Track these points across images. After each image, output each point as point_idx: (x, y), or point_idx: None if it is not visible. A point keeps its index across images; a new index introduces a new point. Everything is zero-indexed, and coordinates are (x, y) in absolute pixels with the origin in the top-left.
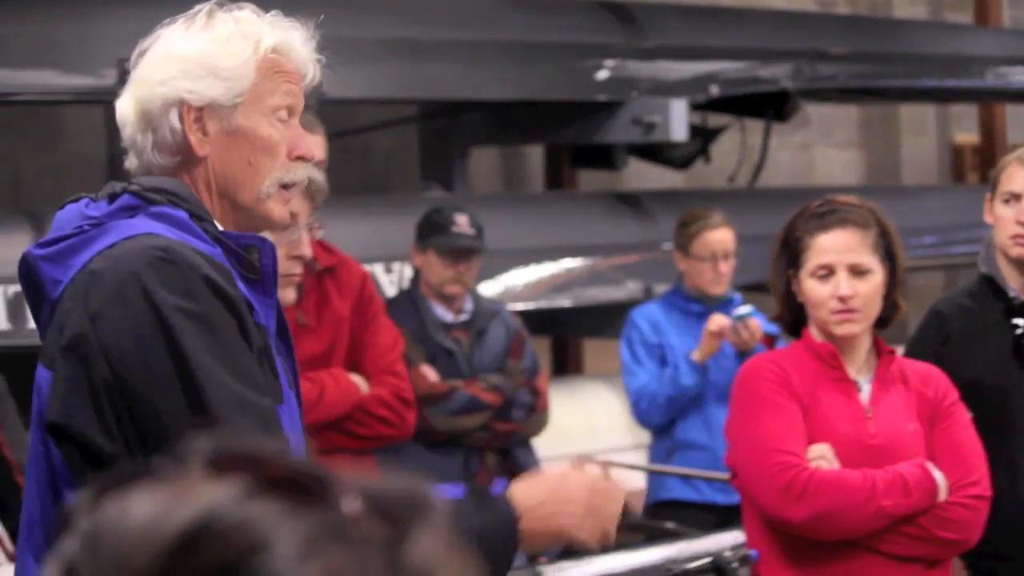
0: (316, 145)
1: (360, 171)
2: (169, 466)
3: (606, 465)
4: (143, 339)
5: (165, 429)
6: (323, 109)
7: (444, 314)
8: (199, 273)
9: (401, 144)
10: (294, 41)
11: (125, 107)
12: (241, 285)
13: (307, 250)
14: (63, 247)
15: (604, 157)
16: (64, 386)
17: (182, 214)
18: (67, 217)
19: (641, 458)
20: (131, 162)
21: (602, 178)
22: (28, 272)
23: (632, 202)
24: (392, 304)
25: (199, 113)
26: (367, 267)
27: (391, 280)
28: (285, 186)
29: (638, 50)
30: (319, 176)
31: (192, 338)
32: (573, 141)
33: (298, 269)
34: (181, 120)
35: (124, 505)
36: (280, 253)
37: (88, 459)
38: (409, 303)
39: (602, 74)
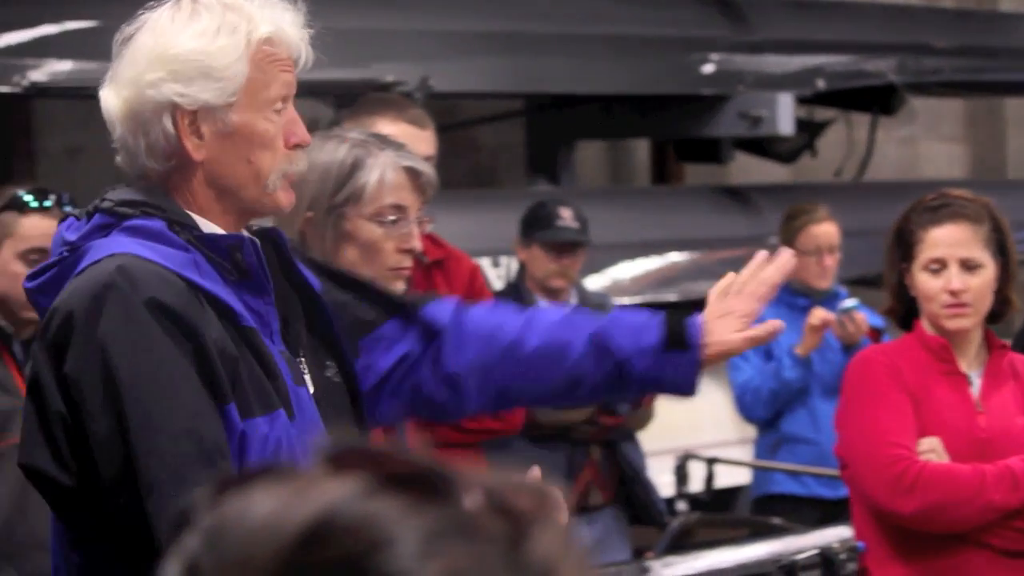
0: (426, 140)
1: (467, 165)
2: (290, 464)
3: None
4: (84, 372)
5: (104, 460)
6: (431, 103)
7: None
8: (147, 298)
9: (507, 138)
10: (286, 26)
11: (112, 105)
12: (222, 289)
13: (417, 243)
14: (48, 278)
15: (710, 151)
16: (27, 424)
17: (157, 224)
18: (55, 242)
19: (746, 453)
20: (122, 161)
21: (708, 172)
22: (33, 304)
23: (738, 196)
24: (498, 298)
25: (193, 116)
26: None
27: (498, 274)
28: (288, 173)
29: (744, 44)
30: (429, 170)
31: (126, 371)
32: (679, 135)
33: (408, 262)
34: (174, 125)
35: (245, 502)
36: (389, 246)
37: (51, 494)
38: (515, 297)
39: (708, 68)
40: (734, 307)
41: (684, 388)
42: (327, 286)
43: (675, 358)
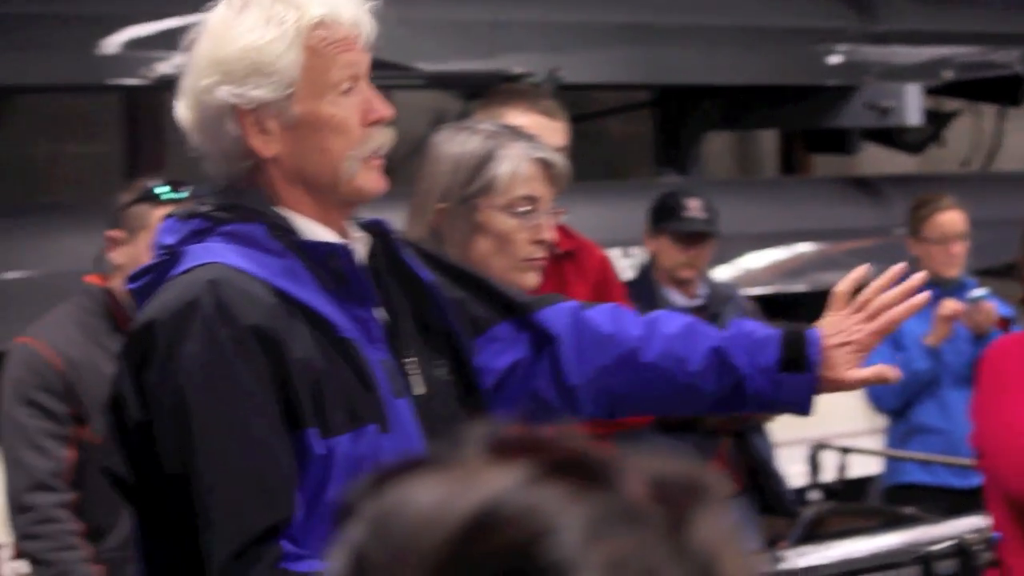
0: (557, 132)
1: (595, 156)
2: (450, 453)
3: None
4: (159, 388)
5: (170, 476)
6: (559, 95)
7: (679, 298)
8: (231, 321)
9: (636, 129)
10: (340, 5)
11: (184, 116)
12: (318, 297)
13: (550, 234)
14: (147, 281)
15: (838, 141)
16: (108, 429)
17: (255, 229)
18: (155, 243)
19: (877, 443)
20: (208, 169)
21: (836, 163)
22: (139, 306)
23: (866, 187)
24: (627, 288)
25: (254, 115)
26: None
27: (629, 264)
28: (372, 154)
29: (872, 35)
30: (561, 161)
31: (199, 400)
32: (806, 126)
33: (540, 253)
34: (237, 125)
35: (409, 491)
36: (522, 237)
37: (128, 498)
38: (643, 288)
39: (836, 59)
40: (853, 336)
41: (798, 409)
42: (442, 282)
43: (791, 380)
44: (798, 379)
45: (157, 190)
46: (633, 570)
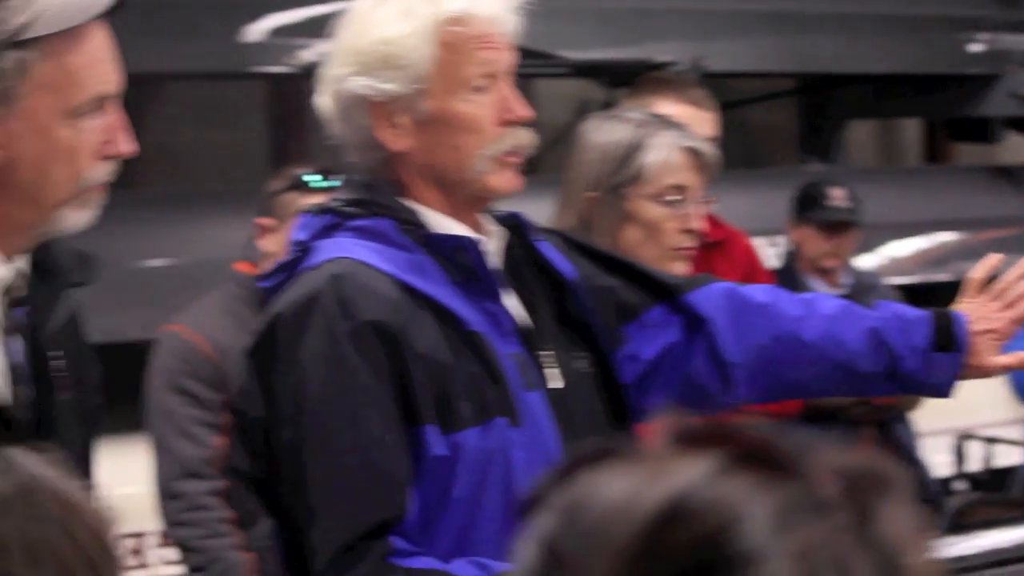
0: (707, 122)
1: (738, 145)
2: (640, 444)
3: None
4: (279, 383)
5: (285, 472)
6: (702, 83)
7: (822, 287)
8: (351, 316)
9: (779, 118)
10: (477, 1)
11: (323, 105)
12: (446, 292)
13: (698, 223)
14: (281, 279)
15: (981, 130)
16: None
17: (384, 224)
18: (290, 239)
19: (1021, 433)
20: (349, 157)
21: (978, 151)
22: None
23: (1009, 175)
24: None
25: (384, 108)
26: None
27: (774, 253)
28: (508, 152)
29: (1015, 23)
30: (710, 150)
31: (316, 394)
32: (949, 114)
33: (689, 242)
34: (369, 118)
35: (599, 482)
36: (671, 226)
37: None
38: (787, 277)
39: (978, 47)
40: (994, 324)
41: (942, 391)
42: (591, 270)
43: (941, 360)
44: (948, 359)
45: (306, 178)
46: (820, 560)
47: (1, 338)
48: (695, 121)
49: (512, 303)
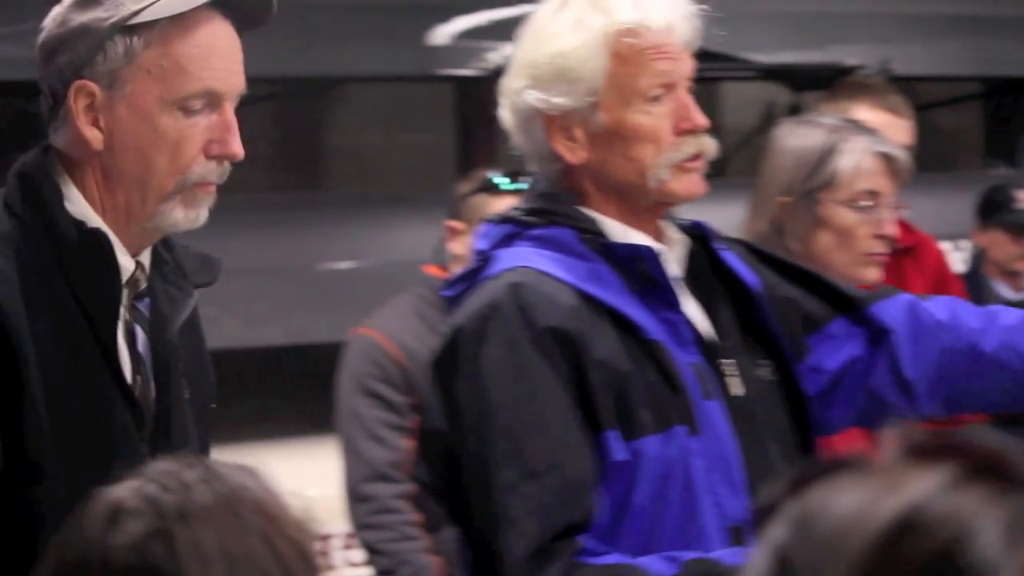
0: (903, 129)
1: (924, 148)
2: (871, 456)
3: None
4: (462, 392)
5: (471, 481)
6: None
7: (1008, 292)
8: (532, 323)
9: (965, 122)
10: (650, 11)
11: (504, 116)
12: (626, 300)
13: (891, 229)
14: (462, 288)
15: None
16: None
17: (563, 233)
18: (472, 248)
19: None
20: (531, 167)
21: None
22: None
23: None
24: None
25: (559, 121)
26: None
27: (959, 258)
28: (687, 159)
29: None
30: (903, 155)
31: (499, 400)
32: None
33: (881, 248)
34: (544, 130)
35: (832, 493)
36: (863, 232)
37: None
38: (973, 281)
39: None
40: None
41: None
42: (774, 280)
43: None
44: None
45: (496, 181)
46: None
47: (123, 327)
48: (891, 128)
49: (693, 311)
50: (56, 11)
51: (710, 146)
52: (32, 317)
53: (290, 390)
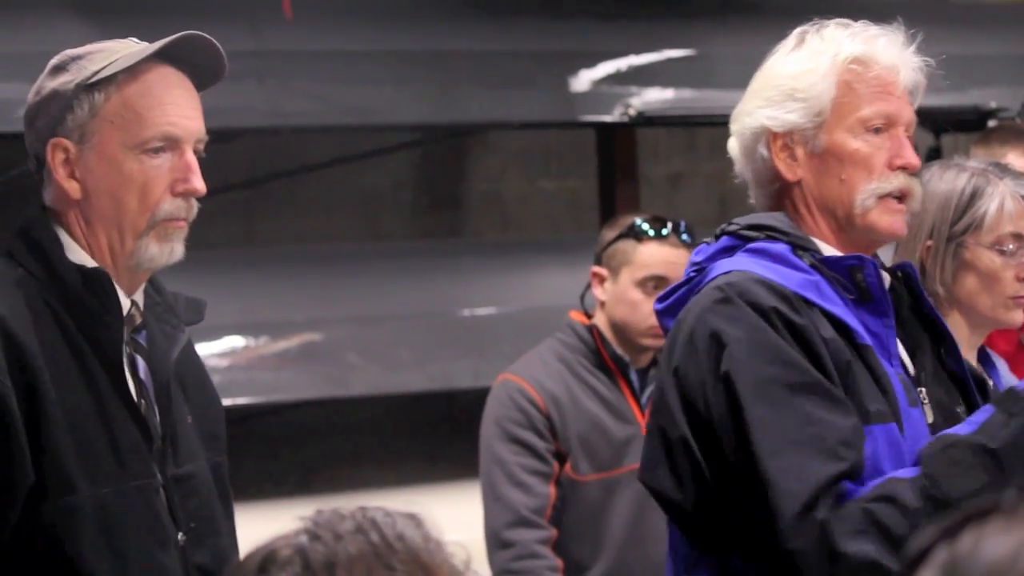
0: None
1: None
2: (1021, 503)
3: None
4: (704, 383)
5: (731, 465)
6: None
7: None
8: (755, 303)
9: None
10: (879, 48)
11: (732, 144)
12: (840, 308)
13: None
14: (674, 299)
15: None
16: (650, 444)
17: (780, 247)
18: (687, 266)
19: None
20: (752, 195)
21: None
22: (660, 326)
23: None
24: None
25: (784, 139)
26: None
27: None
28: (890, 196)
29: None
30: None
31: (743, 375)
32: None
33: None
34: (768, 148)
35: (981, 539)
36: (1009, 275)
37: (672, 512)
38: None
39: None
40: None
41: None
42: None
43: None
44: None
45: (643, 226)
46: None
47: (125, 356)
48: None
49: (897, 331)
50: (35, 84)
51: (917, 189)
52: (46, 351)
53: (432, 436)
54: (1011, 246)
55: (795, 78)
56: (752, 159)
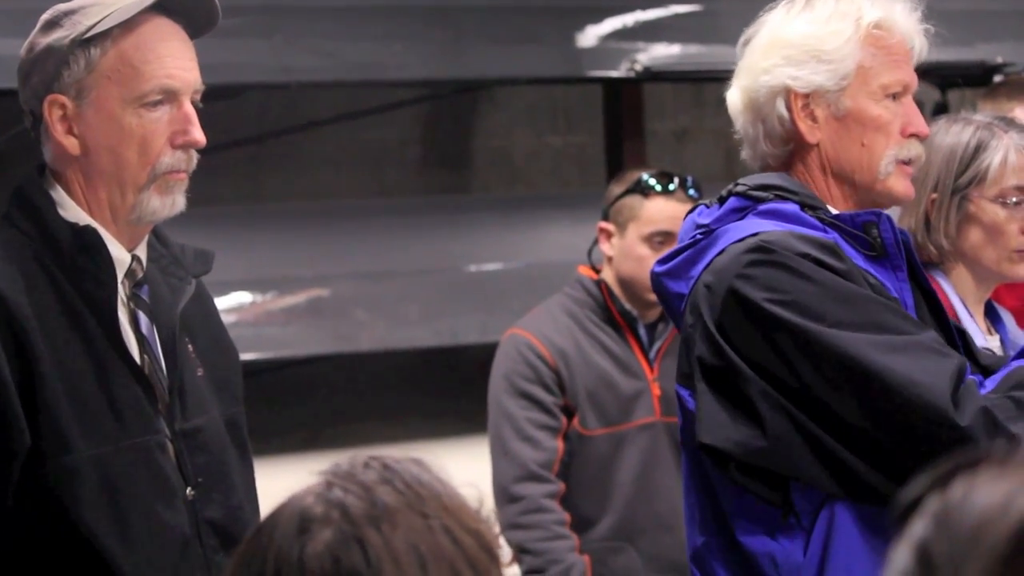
0: None
1: None
2: (1009, 452)
3: None
4: (760, 347)
5: (825, 402)
6: None
7: None
8: (797, 251)
9: None
10: (896, 15)
11: (733, 98)
12: (861, 262)
13: None
14: (680, 261)
15: None
16: (707, 406)
17: (791, 207)
18: (685, 228)
19: None
20: (745, 153)
21: None
22: (658, 289)
23: None
24: None
25: (806, 99)
26: None
27: None
28: (904, 161)
29: None
30: None
31: (810, 311)
32: None
33: None
34: (788, 108)
35: (972, 488)
36: (1013, 228)
37: (740, 469)
38: None
39: None
40: None
41: None
42: None
43: None
44: None
45: (650, 182)
46: None
47: (127, 312)
48: None
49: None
50: (27, 40)
51: (922, 156)
52: (38, 310)
53: (439, 392)
54: (1015, 199)
55: (820, 39)
56: (763, 117)
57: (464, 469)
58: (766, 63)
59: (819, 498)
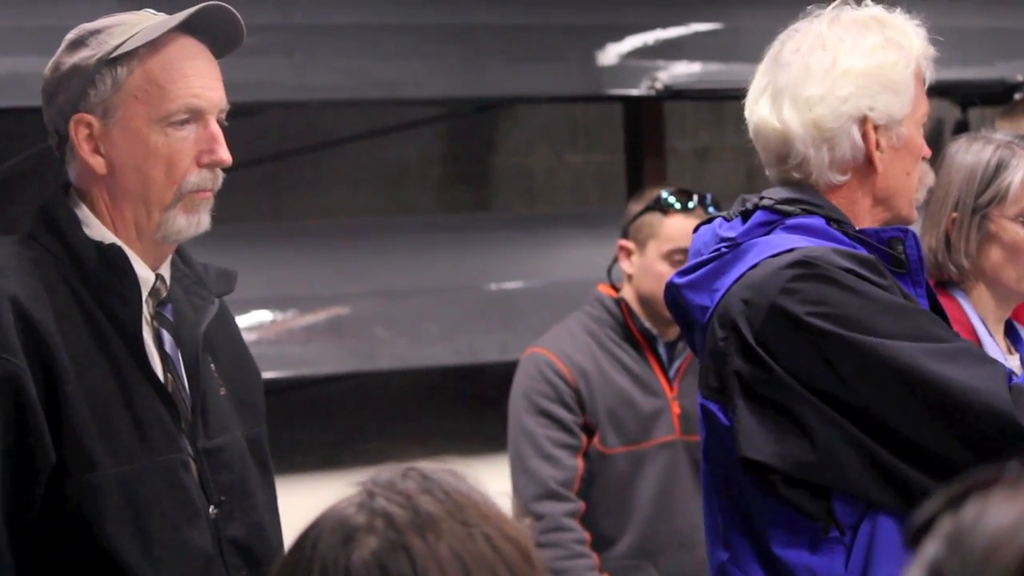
0: None
1: None
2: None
3: None
4: (809, 360)
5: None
6: None
7: None
8: (837, 265)
9: None
10: (925, 44)
11: (788, 120)
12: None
13: None
14: (704, 273)
15: None
16: (749, 421)
17: (818, 221)
18: (703, 240)
19: None
20: (772, 173)
21: None
22: (674, 301)
23: None
24: None
25: (879, 129)
26: None
27: None
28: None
29: None
30: None
31: (858, 321)
32: None
33: None
34: (864, 137)
35: (985, 508)
36: None
37: (774, 484)
38: None
39: None
40: None
41: None
42: None
43: None
44: None
45: (669, 199)
46: None
47: (151, 331)
48: None
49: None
50: (52, 60)
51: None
52: (63, 328)
53: (459, 410)
54: None
55: (886, 69)
56: (833, 144)
57: (485, 488)
58: (843, 92)
59: (861, 511)
